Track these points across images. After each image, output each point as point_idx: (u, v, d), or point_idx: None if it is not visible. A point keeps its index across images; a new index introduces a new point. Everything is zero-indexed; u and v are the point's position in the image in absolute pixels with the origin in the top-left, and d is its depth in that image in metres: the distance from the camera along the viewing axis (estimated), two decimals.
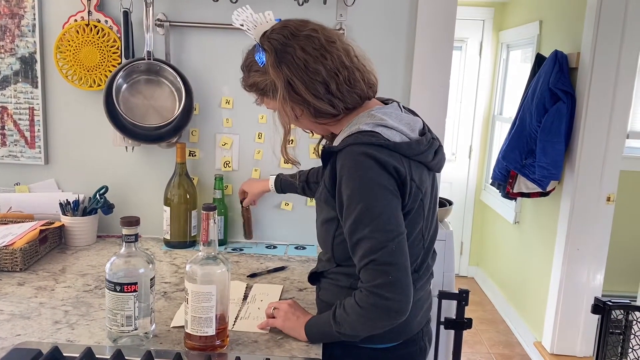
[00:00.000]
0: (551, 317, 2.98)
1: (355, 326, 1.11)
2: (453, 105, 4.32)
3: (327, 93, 1.12)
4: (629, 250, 3.07)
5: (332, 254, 1.20)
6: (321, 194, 1.18)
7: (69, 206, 1.82)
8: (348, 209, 1.08)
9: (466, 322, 1.76)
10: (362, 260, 1.07)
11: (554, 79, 2.79)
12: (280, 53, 1.12)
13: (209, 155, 1.94)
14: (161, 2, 1.82)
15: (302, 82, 1.11)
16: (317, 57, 1.11)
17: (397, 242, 1.05)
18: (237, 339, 1.23)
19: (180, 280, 1.57)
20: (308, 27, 1.15)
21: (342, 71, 1.13)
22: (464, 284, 4.28)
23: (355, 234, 1.07)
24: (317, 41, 1.13)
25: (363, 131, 1.10)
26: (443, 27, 1.84)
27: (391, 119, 1.13)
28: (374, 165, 1.06)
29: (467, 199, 4.47)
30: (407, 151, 1.11)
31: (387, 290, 1.04)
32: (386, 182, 1.07)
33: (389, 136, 1.10)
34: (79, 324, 1.26)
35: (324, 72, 1.11)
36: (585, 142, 2.74)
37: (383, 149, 1.07)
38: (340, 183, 1.09)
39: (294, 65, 1.11)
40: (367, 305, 1.06)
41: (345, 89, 1.14)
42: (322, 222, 1.20)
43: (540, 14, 3.46)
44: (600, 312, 1.83)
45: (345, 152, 1.09)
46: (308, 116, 1.17)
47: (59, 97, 1.90)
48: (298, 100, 1.13)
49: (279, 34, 1.14)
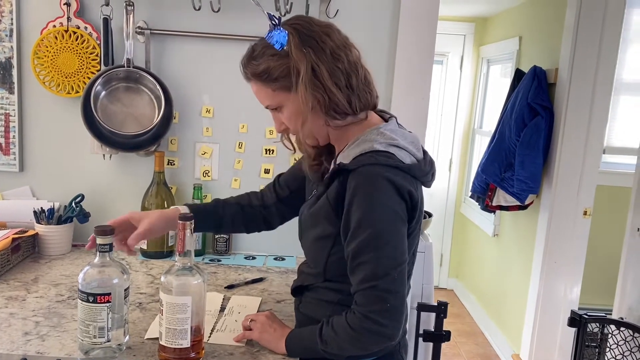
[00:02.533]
0: (529, 330, 3.00)
1: (344, 346, 1.09)
2: (434, 118, 4.36)
3: (347, 86, 1.09)
4: (605, 264, 3.11)
5: (324, 270, 1.18)
6: (321, 209, 1.14)
7: (43, 214, 1.79)
8: (356, 231, 1.05)
9: (445, 334, 1.76)
10: (362, 283, 1.05)
11: (533, 94, 2.83)
12: (304, 36, 1.07)
13: (188, 164, 1.92)
14: (142, 9, 1.81)
15: (326, 67, 1.06)
16: (340, 47, 1.09)
17: (400, 271, 1.05)
18: (212, 351, 1.21)
19: (156, 291, 1.54)
20: (326, 22, 1.14)
21: (360, 68, 1.11)
22: (443, 296, 4.30)
23: (359, 257, 1.05)
24: (338, 34, 1.12)
25: (378, 151, 1.07)
26: (424, 41, 1.86)
27: (400, 138, 1.12)
28: (391, 190, 1.04)
29: (447, 211, 4.50)
30: (417, 172, 1.10)
31: (383, 317, 1.03)
32: (399, 209, 1.05)
33: (402, 157, 1.08)
34: (49, 335, 1.23)
35: (346, 63, 1.08)
36: (563, 157, 2.78)
37: (399, 171, 1.06)
38: (350, 203, 1.06)
39: (319, 50, 1.07)
40: (360, 329, 1.05)
41: (362, 87, 1.11)
42: (317, 238, 1.17)
43: (519, 30, 3.52)
44: (577, 325, 1.85)
45: (361, 173, 1.06)
46: (319, 110, 1.09)
47: (36, 104, 1.87)
48: (318, 88, 1.06)
49: (300, 19, 1.12)
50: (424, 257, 2.00)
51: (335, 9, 1.80)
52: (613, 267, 2.36)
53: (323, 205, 1.13)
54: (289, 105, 1.12)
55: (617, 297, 2.17)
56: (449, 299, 2.01)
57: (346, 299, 1.12)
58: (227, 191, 1.93)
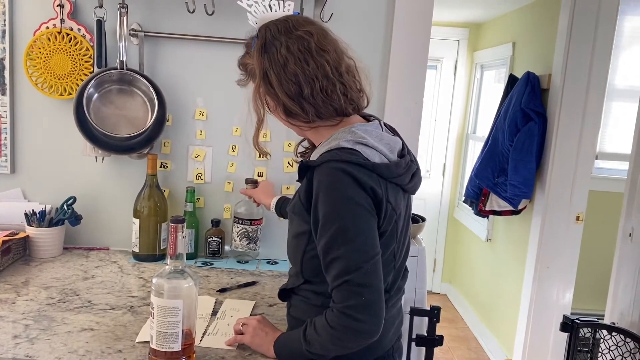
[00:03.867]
0: (521, 335, 3.00)
1: (326, 346, 1.09)
2: (428, 123, 4.37)
3: (298, 95, 1.12)
4: (597, 269, 3.13)
5: (301, 269, 1.18)
6: (295, 207, 1.16)
7: (34, 216, 1.77)
8: (324, 227, 1.06)
9: (437, 339, 1.76)
10: (335, 280, 1.05)
11: (526, 100, 2.84)
12: (267, 44, 1.14)
13: (181, 167, 1.91)
14: (136, 12, 1.80)
15: (277, 77, 1.12)
16: (298, 60, 1.11)
17: (372, 264, 1.04)
18: (203, 355, 1.20)
19: (147, 294, 1.53)
20: (306, 27, 1.14)
21: (321, 80, 1.11)
22: (436, 300, 4.30)
23: (329, 253, 1.05)
24: (306, 44, 1.12)
25: (342, 148, 1.08)
26: (418, 46, 1.86)
27: (372, 138, 1.12)
28: (352, 183, 1.04)
29: (441, 215, 4.50)
30: (385, 172, 1.09)
31: (359, 312, 1.02)
32: (364, 201, 1.05)
33: (369, 155, 1.09)
34: (39, 339, 1.22)
35: (300, 75, 1.10)
36: (556, 162, 2.79)
37: (361, 168, 1.06)
38: (316, 200, 1.07)
39: (274, 60, 1.12)
40: (338, 326, 1.05)
41: (319, 98, 1.12)
42: (294, 236, 1.18)
43: (513, 35, 3.53)
44: (569, 330, 1.85)
45: (322, 168, 1.07)
46: (281, 113, 1.17)
47: (28, 105, 1.85)
48: (271, 94, 1.14)
49: (277, 25, 1.15)
50: (417, 262, 1.99)
51: (330, 12, 1.80)
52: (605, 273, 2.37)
53: (296, 202, 1.15)
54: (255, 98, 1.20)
55: (609, 302, 2.18)
56: (442, 304, 2.01)
57: (328, 301, 1.11)
58: (220, 194, 1.93)
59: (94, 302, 1.45)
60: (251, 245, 1.85)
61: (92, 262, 1.77)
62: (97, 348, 1.20)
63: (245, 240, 1.84)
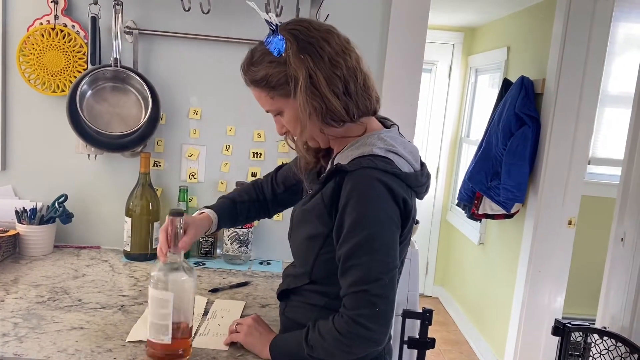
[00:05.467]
0: (513, 338, 3.01)
1: (332, 352, 1.08)
2: (422, 126, 4.37)
3: (344, 93, 1.08)
4: (589, 273, 3.14)
5: (311, 270, 1.16)
6: (314, 208, 1.13)
7: (25, 214, 1.76)
8: (350, 233, 1.04)
9: (429, 341, 1.75)
10: (352, 286, 1.04)
11: (520, 104, 2.85)
12: (302, 43, 1.06)
13: (174, 166, 1.90)
14: (131, 9, 1.79)
15: (324, 75, 1.05)
16: (339, 53, 1.08)
17: (391, 276, 1.04)
18: (195, 355, 1.19)
19: (139, 293, 1.52)
20: (326, 25, 1.13)
21: (359, 73, 1.10)
22: (428, 303, 4.30)
23: (351, 259, 1.04)
24: (338, 38, 1.10)
25: (377, 155, 1.07)
26: (413, 49, 1.87)
27: (399, 146, 1.11)
28: (386, 194, 1.04)
29: (434, 218, 4.51)
30: (413, 182, 1.09)
31: (371, 322, 1.02)
32: (393, 214, 1.05)
33: (400, 165, 1.08)
34: (28, 337, 1.21)
35: (344, 69, 1.07)
36: (549, 167, 2.80)
37: (395, 178, 1.05)
38: (345, 204, 1.05)
39: (317, 57, 1.06)
40: (347, 333, 1.04)
41: (360, 92, 1.10)
42: (308, 237, 1.15)
43: (508, 40, 3.55)
44: (560, 333, 1.86)
45: (358, 175, 1.05)
46: (316, 118, 1.09)
47: (20, 102, 1.84)
48: (315, 96, 1.06)
49: (299, 24, 1.10)
50: (410, 264, 1.99)
51: (326, 13, 1.79)
52: (597, 277, 2.38)
53: (317, 204, 1.12)
54: (288, 111, 1.12)
55: (600, 306, 2.18)
56: (434, 307, 2.01)
57: (332, 303, 1.11)
58: (214, 194, 1.92)
59: (85, 301, 1.43)
60: (242, 248, 1.84)
61: (83, 260, 1.76)
62: (86, 347, 1.18)
63: (237, 244, 1.83)
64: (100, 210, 1.90)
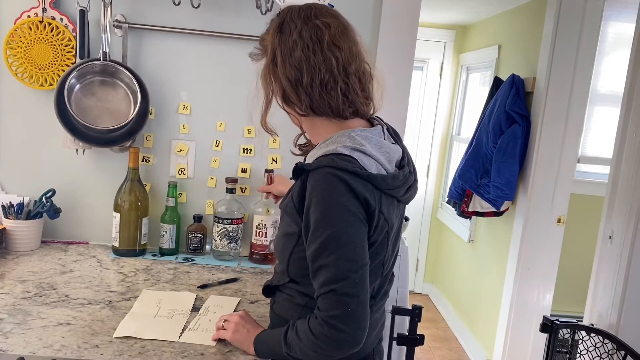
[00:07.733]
0: (502, 335, 3.02)
1: (306, 352, 1.07)
2: (413, 124, 4.38)
3: (297, 82, 1.10)
4: (577, 271, 3.16)
5: (287, 268, 1.17)
6: (287, 206, 1.13)
7: (12, 209, 1.74)
8: (314, 233, 1.04)
9: (418, 338, 1.75)
10: (322, 287, 1.03)
11: (511, 102, 2.86)
12: (283, 25, 1.12)
13: (164, 162, 1.89)
14: (120, 2, 1.77)
15: (282, 59, 1.11)
16: (306, 47, 1.09)
17: (361, 274, 1.03)
18: (182, 351, 1.18)
19: (126, 289, 1.51)
20: (326, 19, 1.13)
21: (323, 73, 1.09)
22: (418, 300, 4.31)
23: (318, 260, 1.04)
24: (319, 35, 1.10)
25: (339, 154, 1.06)
26: (404, 46, 1.87)
27: (370, 145, 1.09)
28: (346, 192, 1.02)
29: (424, 216, 4.52)
30: (380, 184, 1.07)
31: (343, 322, 1.01)
32: (356, 210, 1.03)
33: (366, 164, 1.06)
34: (13, 333, 1.19)
35: (304, 63, 1.09)
36: (539, 165, 2.81)
37: (356, 177, 1.04)
38: (309, 204, 1.05)
39: (284, 42, 1.11)
40: (320, 335, 1.03)
41: (317, 91, 1.10)
42: (284, 234, 1.16)
43: (499, 38, 3.56)
44: (549, 331, 1.87)
45: (318, 174, 1.04)
46: (278, 96, 1.16)
47: (7, 95, 1.82)
48: (274, 74, 1.13)
49: (299, 9, 1.14)
50: (399, 261, 1.99)
51: None
52: (585, 275, 2.39)
53: (288, 202, 1.13)
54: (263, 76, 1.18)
55: (588, 303, 2.20)
56: (423, 304, 2.02)
57: (312, 302, 1.10)
58: (203, 190, 1.91)
59: (72, 297, 1.42)
60: (232, 244, 1.83)
61: (71, 256, 1.74)
62: (73, 343, 1.17)
63: (226, 240, 1.82)
64: (88, 206, 1.88)
